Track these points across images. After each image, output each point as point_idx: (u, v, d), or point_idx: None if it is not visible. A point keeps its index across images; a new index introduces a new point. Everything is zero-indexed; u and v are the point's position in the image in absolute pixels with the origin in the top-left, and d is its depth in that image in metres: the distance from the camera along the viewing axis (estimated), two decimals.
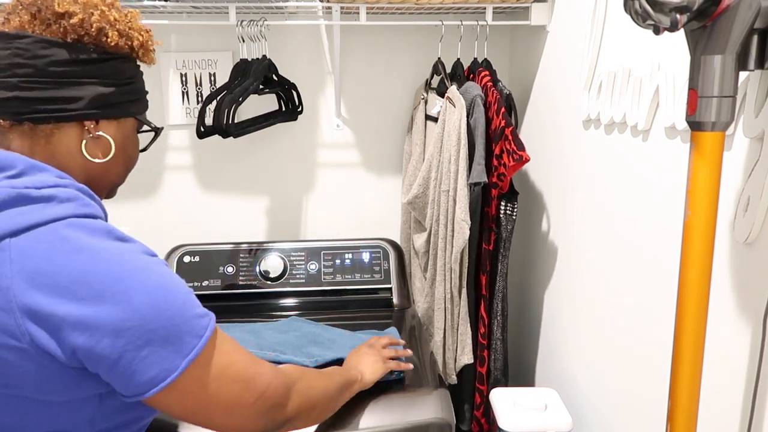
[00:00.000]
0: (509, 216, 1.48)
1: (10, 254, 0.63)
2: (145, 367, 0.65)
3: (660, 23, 0.66)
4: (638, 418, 1.10)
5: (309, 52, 1.77)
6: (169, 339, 0.66)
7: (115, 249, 0.67)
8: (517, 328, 1.81)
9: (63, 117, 0.73)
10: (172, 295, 0.68)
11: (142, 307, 0.65)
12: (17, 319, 0.62)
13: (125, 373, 0.65)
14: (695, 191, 0.70)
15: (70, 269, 0.63)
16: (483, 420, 1.61)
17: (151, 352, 0.65)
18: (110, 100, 0.76)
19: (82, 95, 0.73)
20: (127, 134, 0.81)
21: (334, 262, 1.56)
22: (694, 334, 0.72)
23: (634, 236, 1.09)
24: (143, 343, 0.64)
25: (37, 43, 0.70)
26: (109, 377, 0.66)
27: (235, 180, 1.84)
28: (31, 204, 0.65)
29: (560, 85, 1.44)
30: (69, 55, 0.72)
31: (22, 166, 0.68)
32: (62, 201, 0.67)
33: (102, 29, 0.73)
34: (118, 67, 0.76)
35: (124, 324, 0.63)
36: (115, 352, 0.64)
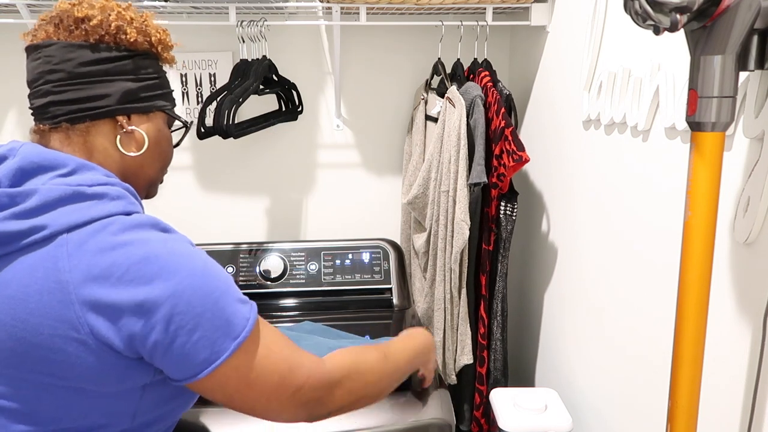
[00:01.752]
0: (509, 216, 1.48)
1: (67, 249, 0.66)
2: (197, 349, 0.68)
3: (660, 23, 0.66)
4: (638, 418, 1.10)
5: (309, 52, 1.77)
6: (217, 322, 0.69)
7: (163, 239, 0.70)
8: (517, 328, 1.81)
9: (96, 114, 0.77)
10: (217, 280, 0.71)
11: (190, 291, 0.68)
12: (77, 311, 0.65)
13: (179, 356, 0.68)
14: (695, 191, 0.70)
15: (123, 260, 0.66)
16: (483, 420, 1.61)
17: (202, 336, 0.68)
18: (137, 94, 0.80)
19: (110, 92, 0.77)
20: (159, 128, 0.85)
21: (334, 263, 1.56)
22: (694, 334, 0.72)
23: (634, 236, 1.09)
24: (194, 326, 0.67)
25: (63, 48, 0.75)
26: (163, 362, 0.69)
27: (235, 180, 1.84)
28: (85, 201, 0.69)
29: (560, 86, 1.44)
30: (93, 55, 0.76)
31: (73, 165, 0.72)
32: (113, 198, 0.72)
33: (120, 27, 0.78)
34: (140, 63, 0.80)
35: (174, 309, 0.67)
36: (168, 336, 0.67)
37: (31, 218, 0.66)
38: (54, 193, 0.68)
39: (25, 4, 1.45)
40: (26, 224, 0.66)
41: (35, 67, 0.76)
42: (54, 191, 0.68)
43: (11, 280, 0.66)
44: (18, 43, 1.70)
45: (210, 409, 1.05)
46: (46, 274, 0.65)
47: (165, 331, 0.67)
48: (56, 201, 0.68)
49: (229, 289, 0.72)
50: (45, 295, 0.65)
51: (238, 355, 0.70)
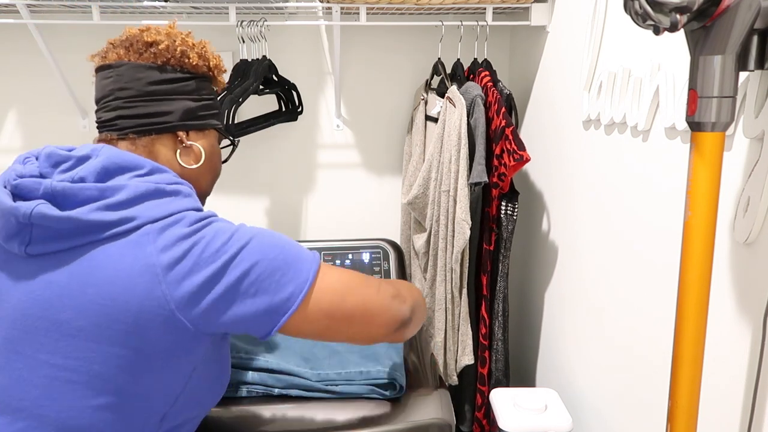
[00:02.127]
0: (510, 216, 1.48)
1: (152, 237, 0.74)
2: (282, 287, 0.78)
3: (660, 24, 0.66)
4: (638, 419, 1.10)
5: (309, 52, 1.77)
6: (291, 262, 0.79)
7: (230, 224, 0.81)
8: (517, 328, 1.81)
9: (160, 129, 0.86)
10: (283, 238, 0.83)
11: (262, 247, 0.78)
12: (163, 290, 0.73)
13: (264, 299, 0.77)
14: (695, 191, 0.70)
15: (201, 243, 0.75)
16: (484, 421, 1.61)
17: (283, 274, 0.78)
18: (196, 113, 0.89)
19: (173, 109, 0.87)
20: (212, 144, 0.94)
21: (335, 263, 1.56)
22: (694, 335, 0.72)
23: (635, 236, 1.09)
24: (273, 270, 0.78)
25: (133, 68, 0.85)
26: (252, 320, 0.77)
27: (234, 180, 1.84)
28: (165, 197, 0.78)
29: (560, 86, 1.44)
30: (160, 75, 0.85)
31: (149, 167, 0.81)
32: (186, 196, 0.81)
33: (184, 52, 0.87)
34: (199, 84, 0.90)
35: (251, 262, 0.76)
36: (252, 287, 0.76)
37: (121, 210, 0.74)
38: (141, 189, 0.76)
39: (25, 4, 1.45)
40: (117, 215, 0.74)
41: (106, 85, 0.85)
42: (141, 187, 0.76)
43: (101, 264, 0.73)
44: (18, 43, 1.70)
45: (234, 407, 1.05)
46: (135, 259, 0.73)
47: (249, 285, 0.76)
48: (142, 196, 0.76)
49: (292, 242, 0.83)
50: (135, 276, 0.72)
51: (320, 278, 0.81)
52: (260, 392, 1.10)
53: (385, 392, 1.09)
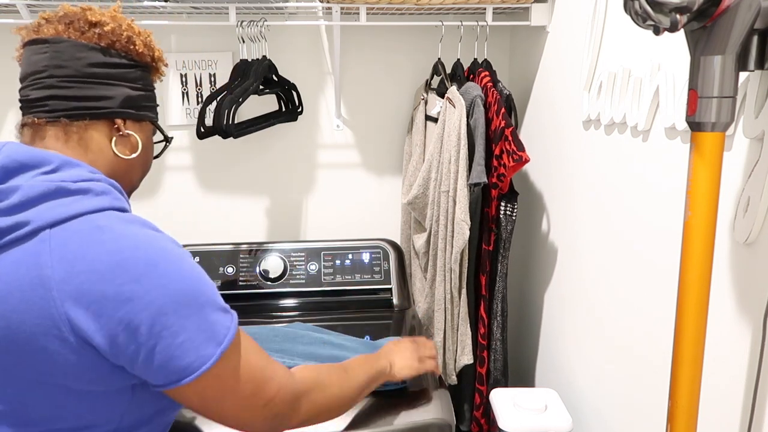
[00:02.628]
0: (509, 216, 1.48)
1: (50, 244, 0.66)
2: (182, 353, 0.67)
3: (660, 24, 0.66)
4: (638, 419, 1.10)
5: (309, 52, 1.77)
6: (203, 327, 0.69)
7: (151, 237, 0.70)
8: (517, 328, 1.81)
9: (96, 114, 0.79)
10: (204, 285, 0.71)
11: (177, 293, 0.67)
12: (58, 308, 0.64)
13: (162, 359, 0.67)
14: (695, 192, 0.70)
15: (108, 256, 0.66)
16: (483, 420, 1.61)
17: (187, 339, 0.67)
18: (137, 102, 0.83)
19: (113, 95, 0.80)
20: (148, 137, 0.88)
21: (334, 263, 1.56)
22: (694, 335, 0.72)
23: (634, 237, 1.09)
24: (179, 329, 0.67)
25: (74, 46, 0.77)
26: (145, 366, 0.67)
27: (235, 180, 1.84)
28: (69, 196, 0.69)
29: (560, 86, 1.44)
30: (104, 58, 0.79)
31: (57, 162, 0.72)
32: (98, 194, 0.72)
33: (131, 38, 0.82)
34: (141, 74, 0.85)
35: (161, 309, 0.66)
36: (153, 337, 0.66)
37: (14, 215, 0.66)
38: (36, 190, 0.67)
39: (25, 4, 1.45)
40: (9, 221, 0.66)
41: (38, 60, 0.77)
42: (36, 187, 0.67)
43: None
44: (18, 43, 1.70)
45: None
46: (29, 270, 0.65)
47: (149, 332, 0.66)
48: (39, 197, 0.67)
49: (215, 296, 0.72)
50: (27, 291, 0.64)
51: (221, 363, 0.70)
52: None
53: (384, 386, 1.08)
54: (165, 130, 0.93)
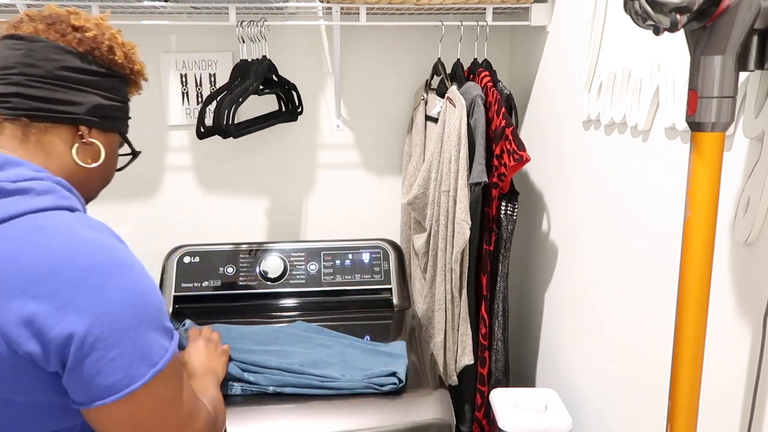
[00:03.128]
0: (510, 216, 1.48)
1: None
2: (110, 369, 0.63)
3: (660, 24, 0.66)
4: (638, 419, 1.10)
5: (309, 52, 1.77)
6: (138, 345, 0.64)
7: (95, 241, 0.66)
8: (517, 328, 1.81)
9: (60, 118, 0.76)
10: (148, 300, 0.66)
11: (116, 306, 0.63)
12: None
13: (87, 374, 0.62)
14: (695, 192, 0.70)
15: (46, 259, 0.62)
16: (484, 421, 1.61)
17: (119, 355, 0.63)
18: (106, 112, 0.81)
19: (82, 101, 0.77)
20: (113, 149, 0.85)
21: (334, 263, 1.56)
22: (695, 335, 0.72)
23: (635, 236, 1.09)
24: (112, 343, 0.62)
25: (50, 47, 0.75)
26: (69, 378, 0.63)
27: (235, 180, 1.84)
28: (5, 197, 0.66)
29: (560, 86, 1.44)
30: (80, 64, 0.77)
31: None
32: (39, 193, 0.68)
33: (112, 48, 0.80)
34: (116, 84, 0.82)
35: (97, 319, 0.62)
36: (84, 349, 0.61)
37: None
38: None
39: (25, 4, 1.45)
40: None
41: (11, 56, 0.74)
42: None
43: None
44: None
45: None
46: None
47: (81, 343, 0.61)
48: None
49: (158, 313, 0.67)
50: None
51: (154, 385, 0.65)
52: (254, 390, 1.09)
53: (381, 387, 1.08)
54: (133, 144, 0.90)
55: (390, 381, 1.09)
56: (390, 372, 1.10)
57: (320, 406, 1.06)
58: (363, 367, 1.15)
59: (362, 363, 1.16)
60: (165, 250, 1.60)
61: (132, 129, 0.88)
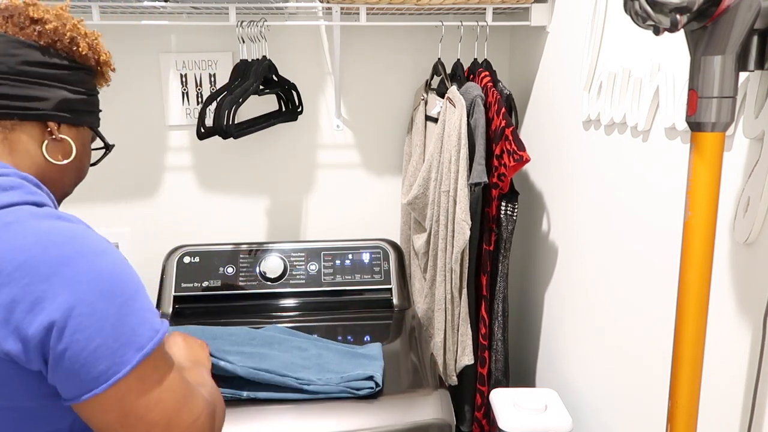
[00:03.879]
0: (510, 216, 1.48)
1: None
2: (96, 359, 0.61)
3: (660, 24, 0.66)
4: (638, 419, 1.10)
5: (309, 52, 1.77)
6: (121, 330, 0.62)
7: (65, 231, 0.64)
8: (517, 328, 1.81)
9: (27, 115, 0.74)
10: (124, 283, 0.64)
11: (92, 293, 0.61)
12: None
13: (72, 367, 0.60)
14: (695, 192, 0.70)
15: (15, 254, 0.60)
16: (484, 421, 1.61)
17: (102, 344, 0.61)
18: (74, 106, 0.78)
19: (48, 96, 0.75)
20: (84, 143, 0.83)
21: (334, 263, 1.56)
22: (695, 335, 0.72)
23: (635, 237, 1.09)
24: (94, 332, 0.60)
25: (10, 42, 0.73)
26: (54, 374, 0.62)
27: (235, 180, 1.84)
28: None
29: (560, 86, 1.44)
30: (42, 58, 0.74)
31: None
32: (5, 189, 0.66)
33: (74, 39, 0.77)
34: (83, 77, 0.80)
35: (73, 310, 0.60)
36: (63, 341, 0.60)
37: None
38: None
39: None
40: None
41: None
42: None
43: None
44: None
45: None
46: None
47: (60, 336, 0.59)
48: None
49: (138, 295, 0.65)
50: None
51: (143, 369, 0.63)
52: (228, 396, 1.06)
53: (358, 391, 1.07)
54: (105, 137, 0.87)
55: (367, 385, 1.08)
56: (367, 376, 1.09)
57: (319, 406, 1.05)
58: (339, 369, 1.13)
59: (338, 366, 1.15)
60: (165, 250, 1.60)
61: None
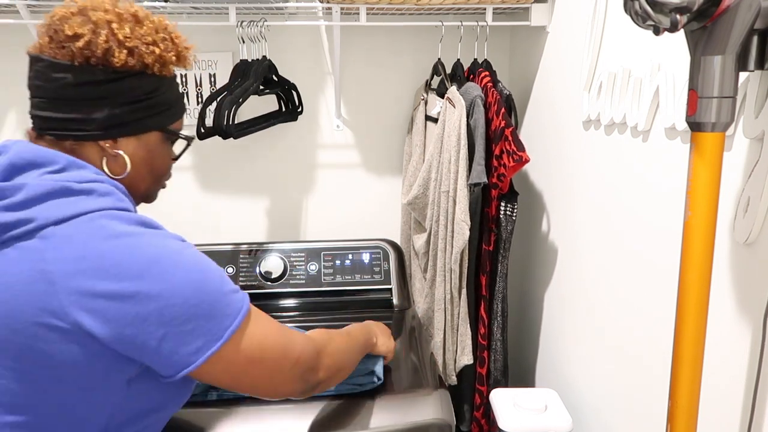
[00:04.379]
0: (509, 217, 1.48)
1: (54, 241, 0.67)
2: (191, 339, 0.70)
3: (660, 24, 0.66)
4: (638, 419, 1.10)
5: (309, 52, 1.77)
6: (212, 313, 0.71)
7: (150, 234, 0.72)
8: (517, 328, 1.81)
9: (79, 137, 0.77)
10: (210, 273, 0.73)
11: (182, 285, 0.70)
12: (61, 302, 0.66)
13: (170, 349, 0.69)
14: (695, 192, 0.70)
15: (111, 253, 0.68)
16: (483, 421, 1.61)
17: (197, 326, 0.70)
18: (123, 119, 0.78)
19: (93, 117, 0.76)
20: (150, 148, 0.83)
21: (334, 263, 1.56)
22: (695, 335, 0.72)
23: (634, 237, 1.09)
24: (188, 317, 0.69)
25: (49, 66, 0.75)
26: (153, 358, 0.70)
27: (235, 180, 1.84)
28: (73, 196, 0.70)
29: (560, 86, 1.44)
30: (76, 78, 0.75)
31: (63, 162, 0.74)
32: (101, 195, 0.73)
33: (109, 50, 0.75)
34: (130, 84, 0.78)
35: (167, 301, 0.68)
36: (161, 329, 0.68)
37: (19, 211, 0.68)
38: (42, 188, 0.69)
39: (25, 4, 1.45)
40: (14, 216, 0.67)
41: (30, 77, 0.77)
42: (42, 186, 0.69)
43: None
44: (20, 45, 1.70)
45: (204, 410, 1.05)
46: (32, 265, 0.66)
47: (158, 324, 0.68)
48: (44, 195, 0.69)
49: (222, 281, 0.74)
50: (30, 284, 0.66)
51: (235, 340, 0.73)
52: (230, 396, 1.06)
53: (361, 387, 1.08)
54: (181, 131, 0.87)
55: (369, 380, 1.09)
56: (368, 371, 1.10)
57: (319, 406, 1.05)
58: None
59: None
60: None
61: None
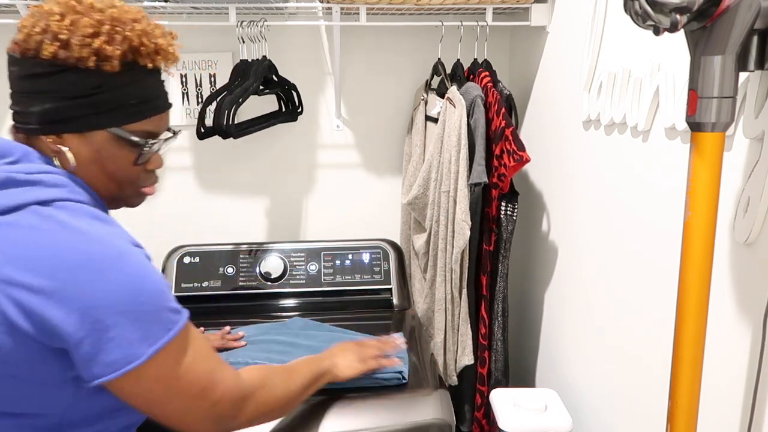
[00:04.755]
0: (509, 216, 1.48)
1: None
2: (111, 348, 0.66)
3: (660, 24, 0.66)
4: (638, 419, 1.10)
5: (309, 52, 1.77)
6: (138, 325, 0.67)
7: (98, 230, 0.69)
8: (517, 328, 1.81)
9: (25, 130, 0.75)
10: (149, 282, 0.69)
11: (116, 288, 0.66)
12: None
13: (89, 352, 0.66)
14: (695, 192, 0.70)
15: (49, 246, 0.66)
16: (484, 421, 1.61)
17: (118, 335, 0.66)
18: (62, 114, 0.73)
19: (31, 110, 0.73)
20: (98, 148, 0.75)
21: (334, 263, 1.56)
22: (695, 335, 0.72)
23: (634, 237, 1.09)
24: (111, 324, 0.65)
25: (8, 59, 0.75)
26: (74, 357, 0.67)
27: (235, 180, 1.84)
28: (17, 187, 0.69)
29: (560, 86, 1.44)
30: (20, 71, 0.74)
31: (18, 154, 0.72)
32: (49, 186, 0.70)
33: (41, 42, 0.70)
34: (69, 79, 0.72)
35: (96, 302, 0.65)
36: (83, 329, 0.65)
37: None
38: None
39: (25, 4, 1.45)
40: None
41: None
42: None
43: None
44: None
45: None
46: None
47: (80, 323, 0.65)
48: None
49: (160, 295, 0.70)
50: None
51: (155, 362, 0.68)
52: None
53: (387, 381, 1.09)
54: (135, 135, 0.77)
55: (394, 377, 1.10)
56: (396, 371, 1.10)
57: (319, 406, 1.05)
58: None
59: None
60: (165, 250, 1.60)
61: None
